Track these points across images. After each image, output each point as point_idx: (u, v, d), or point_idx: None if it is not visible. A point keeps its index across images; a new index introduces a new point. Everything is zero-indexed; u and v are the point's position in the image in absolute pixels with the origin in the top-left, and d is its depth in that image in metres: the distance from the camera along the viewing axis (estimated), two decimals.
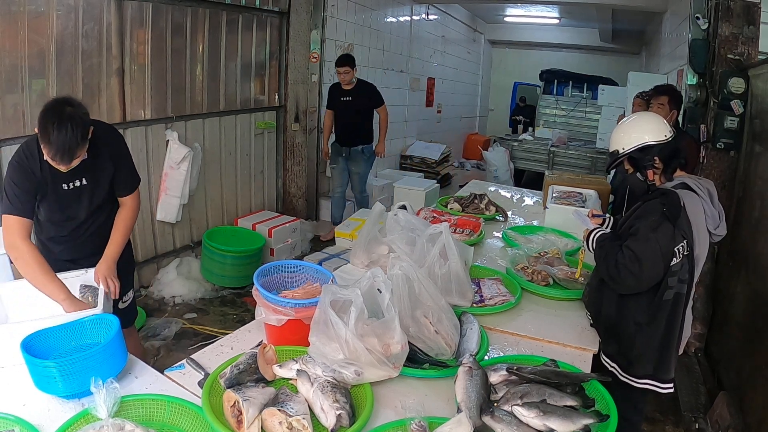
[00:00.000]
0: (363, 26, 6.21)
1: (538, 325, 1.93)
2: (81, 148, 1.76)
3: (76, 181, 1.95)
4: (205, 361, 1.59)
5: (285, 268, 1.84)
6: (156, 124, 3.89)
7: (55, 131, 1.68)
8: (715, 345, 3.25)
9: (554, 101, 10.06)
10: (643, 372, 1.83)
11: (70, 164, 1.78)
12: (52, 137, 1.69)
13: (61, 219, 2.04)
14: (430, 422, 1.28)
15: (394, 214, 2.34)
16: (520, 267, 2.37)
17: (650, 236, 1.71)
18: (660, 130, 1.84)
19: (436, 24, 8.60)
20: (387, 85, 7.00)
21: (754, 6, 3.24)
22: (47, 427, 1.25)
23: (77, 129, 1.71)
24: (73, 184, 1.95)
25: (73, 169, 1.83)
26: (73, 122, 1.70)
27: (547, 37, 11.52)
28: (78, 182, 1.95)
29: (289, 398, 1.33)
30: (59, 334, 1.52)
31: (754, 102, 3.07)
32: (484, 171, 8.75)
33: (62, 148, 1.70)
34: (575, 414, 1.30)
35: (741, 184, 3.13)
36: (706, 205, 1.82)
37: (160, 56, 3.83)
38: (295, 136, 5.36)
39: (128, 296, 2.31)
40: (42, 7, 3.04)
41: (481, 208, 3.31)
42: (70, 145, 1.71)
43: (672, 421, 2.81)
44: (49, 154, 1.73)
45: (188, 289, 3.97)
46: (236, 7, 4.48)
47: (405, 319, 1.60)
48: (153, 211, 3.97)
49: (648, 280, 1.74)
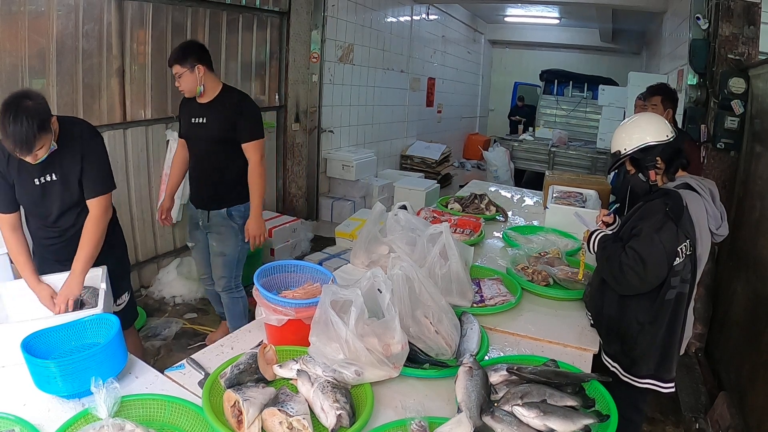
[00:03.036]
0: (363, 26, 6.21)
1: (538, 325, 1.93)
2: (39, 139, 1.78)
3: (46, 176, 1.96)
4: (205, 361, 1.59)
5: (285, 268, 1.84)
6: (156, 124, 3.89)
7: (11, 124, 1.71)
8: (716, 345, 3.25)
9: (554, 101, 10.06)
10: (644, 372, 1.83)
11: (35, 156, 1.82)
12: (8, 130, 1.72)
13: (36, 215, 2.08)
14: (430, 422, 1.28)
15: (394, 214, 2.34)
16: (521, 267, 2.37)
17: (654, 237, 1.70)
18: (662, 130, 1.84)
19: (436, 24, 8.60)
20: (387, 85, 7.02)
21: (755, 6, 3.24)
22: (47, 427, 1.25)
23: (33, 121, 1.73)
24: (44, 179, 1.97)
25: (44, 163, 1.88)
26: (29, 114, 1.72)
27: (547, 37, 11.52)
28: (48, 177, 1.97)
29: (289, 398, 1.33)
30: (59, 334, 1.52)
31: (754, 102, 3.07)
32: (484, 171, 8.75)
33: (19, 140, 1.73)
34: (575, 414, 1.30)
35: (741, 184, 3.13)
36: (708, 205, 1.82)
37: (161, 56, 3.83)
38: (295, 136, 5.37)
39: (123, 299, 2.31)
40: (42, 7, 3.04)
41: (482, 208, 3.31)
42: (26, 137, 1.73)
43: (672, 421, 2.80)
44: (9, 147, 1.78)
45: (188, 289, 3.97)
46: (236, 7, 4.48)
47: (405, 319, 1.60)
48: (153, 211, 3.97)
49: (652, 281, 1.74)
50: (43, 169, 1.93)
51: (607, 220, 2.07)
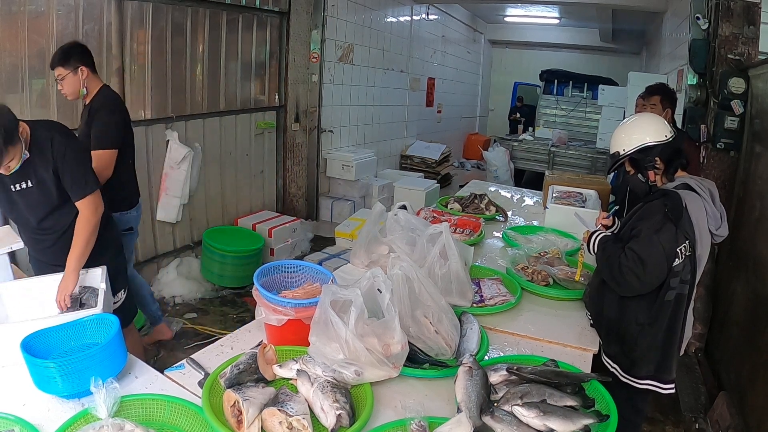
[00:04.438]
0: (363, 26, 6.21)
1: (538, 325, 1.93)
2: (8, 153, 1.78)
3: (22, 183, 1.95)
4: (205, 361, 1.59)
5: (285, 268, 1.84)
6: (156, 124, 3.89)
7: None
8: (715, 345, 3.25)
9: (554, 101, 10.07)
10: (644, 373, 1.83)
11: (8, 167, 1.83)
12: None
13: (20, 222, 2.09)
14: (430, 422, 1.28)
15: (394, 214, 2.34)
16: (520, 267, 2.36)
17: (653, 238, 1.70)
18: (661, 131, 1.84)
19: (436, 24, 8.60)
20: (387, 85, 7.02)
21: (754, 6, 3.24)
22: (47, 427, 1.25)
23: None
24: (20, 186, 1.96)
25: (18, 171, 1.88)
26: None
27: (547, 37, 11.53)
28: (24, 184, 1.96)
29: (289, 398, 1.33)
30: (59, 334, 1.52)
31: (754, 102, 3.07)
32: (484, 171, 8.75)
33: None
34: (575, 414, 1.30)
35: (741, 184, 3.13)
36: (708, 206, 1.82)
37: (160, 56, 3.84)
38: (295, 136, 5.37)
39: (119, 296, 2.30)
40: (42, 7, 3.04)
41: (481, 208, 3.31)
42: None
43: (672, 422, 2.81)
44: None
45: (188, 289, 3.98)
46: (236, 7, 4.48)
47: (405, 319, 1.60)
48: (153, 211, 3.97)
49: (652, 282, 1.74)
50: (19, 177, 1.92)
51: (606, 224, 2.07)
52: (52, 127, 2.03)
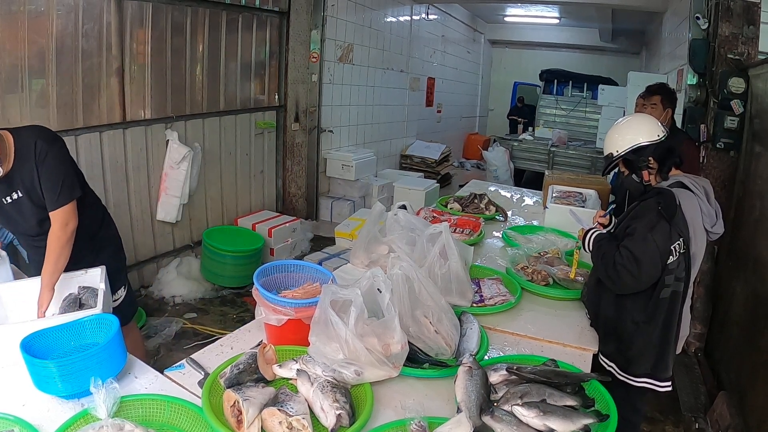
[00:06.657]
0: (363, 26, 6.21)
1: (538, 325, 1.93)
2: None
3: (13, 194, 1.92)
4: (205, 361, 1.59)
5: (285, 268, 1.84)
6: (156, 124, 3.89)
7: None
8: (715, 345, 3.25)
9: (554, 101, 10.06)
10: (641, 371, 1.84)
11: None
12: None
13: (17, 232, 2.07)
14: (430, 422, 1.28)
15: (394, 214, 2.34)
16: (520, 267, 2.36)
17: (647, 236, 1.71)
18: (653, 130, 1.85)
19: (436, 24, 8.60)
20: (387, 85, 7.01)
21: (754, 6, 3.24)
22: (47, 427, 1.25)
23: None
24: (11, 197, 1.92)
25: (7, 182, 1.86)
26: None
27: (547, 37, 11.52)
28: (15, 195, 1.92)
29: (289, 398, 1.33)
30: (59, 334, 1.52)
31: (754, 102, 3.07)
32: (484, 171, 8.75)
33: None
34: (575, 414, 1.30)
35: (741, 184, 3.13)
36: (702, 204, 1.82)
37: (160, 56, 3.83)
38: (295, 136, 5.37)
39: (119, 294, 2.29)
40: (42, 7, 3.04)
41: (481, 208, 3.30)
42: None
43: (672, 421, 2.80)
44: None
45: (188, 289, 3.97)
46: (236, 7, 4.48)
47: (405, 319, 1.60)
48: (153, 211, 3.97)
49: (646, 280, 1.75)
50: (8, 189, 1.90)
51: (602, 222, 2.07)
52: (35, 133, 1.93)
